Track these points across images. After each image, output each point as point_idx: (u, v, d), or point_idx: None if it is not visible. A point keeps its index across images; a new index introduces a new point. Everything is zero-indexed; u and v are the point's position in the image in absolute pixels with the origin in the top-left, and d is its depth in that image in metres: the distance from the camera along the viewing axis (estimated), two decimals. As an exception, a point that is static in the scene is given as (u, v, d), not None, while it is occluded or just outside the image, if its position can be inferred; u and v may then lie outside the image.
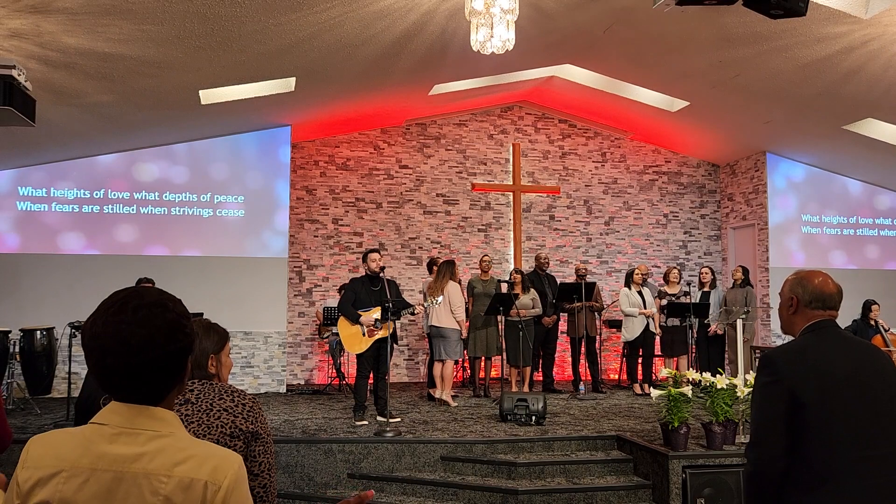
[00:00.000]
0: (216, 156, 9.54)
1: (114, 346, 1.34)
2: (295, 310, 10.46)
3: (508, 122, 11.48)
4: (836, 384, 2.14)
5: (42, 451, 1.36)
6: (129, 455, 1.32)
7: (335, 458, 6.02)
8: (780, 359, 2.22)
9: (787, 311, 2.37)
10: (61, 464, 1.32)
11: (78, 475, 1.31)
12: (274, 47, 6.54)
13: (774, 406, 2.16)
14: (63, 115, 7.32)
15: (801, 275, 2.40)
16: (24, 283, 8.83)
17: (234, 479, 1.34)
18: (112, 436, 1.33)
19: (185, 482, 1.31)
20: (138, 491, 1.30)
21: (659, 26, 7.08)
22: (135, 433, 1.34)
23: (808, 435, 2.11)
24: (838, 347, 2.24)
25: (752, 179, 11.25)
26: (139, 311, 1.36)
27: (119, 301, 1.39)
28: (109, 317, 1.36)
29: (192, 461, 1.33)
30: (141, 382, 1.35)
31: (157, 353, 1.35)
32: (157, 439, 1.34)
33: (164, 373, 1.37)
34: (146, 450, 1.32)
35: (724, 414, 5.61)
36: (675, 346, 9.12)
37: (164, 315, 1.38)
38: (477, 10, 5.20)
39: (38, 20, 5.13)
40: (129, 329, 1.34)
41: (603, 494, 5.66)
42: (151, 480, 1.30)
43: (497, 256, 11.08)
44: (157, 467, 1.31)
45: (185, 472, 1.31)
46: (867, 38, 6.60)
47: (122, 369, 1.34)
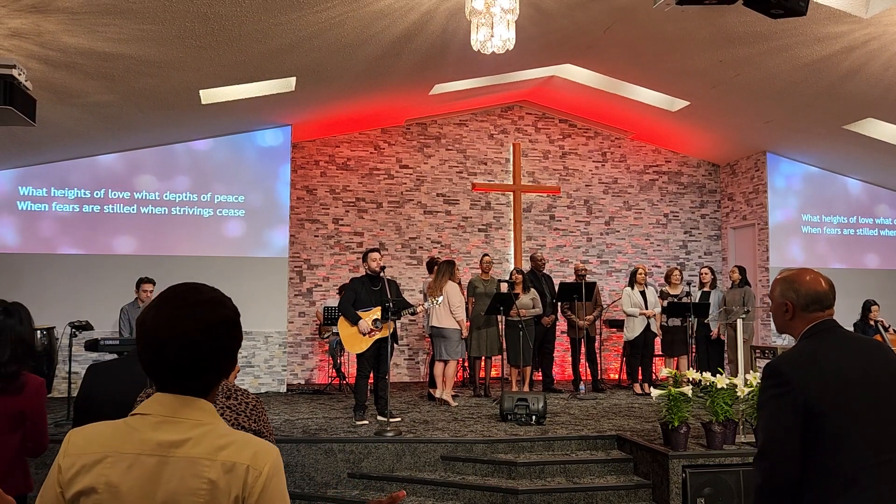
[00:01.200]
0: (216, 155, 9.54)
1: (175, 338, 1.39)
2: (295, 309, 10.46)
3: (509, 122, 11.49)
4: (850, 389, 2.08)
5: (84, 440, 1.39)
6: (173, 441, 1.36)
7: (335, 458, 6.02)
8: (788, 368, 2.12)
9: (784, 316, 2.28)
10: (105, 450, 1.36)
11: (123, 460, 1.35)
12: (274, 47, 6.54)
13: (787, 417, 2.07)
14: (63, 115, 7.33)
15: (790, 276, 2.29)
16: (25, 283, 8.83)
17: (274, 466, 1.40)
18: (156, 424, 1.38)
19: (228, 465, 1.36)
20: (182, 474, 1.34)
21: (659, 26, 7.08)
22: (178, 421, 1.39)
23: (825, 443, 2.04)
24: (845, 349, 2.17)
25: (753, 179, 11.25)
26: (200, 307, 1.42)
27: (180, 296, 1.44)
28: (172, 310, 1.41)
29: (233, 447, 1.38)
30: (193, 375, 1.41)
31: (213, 348, 1.41)
32: (200, 427, 1.39)
33: (216, 367, 1.44)
34: (190, 436, 1.37)
35: (724, 413, 5.61)
36: (674, 345, 9.12)
37: (223, 311, 1.45)
38: (477, 10, 5.21)
39: (38, 20, 5.13)
40: (190, 323, 1.40)
41: (603, 494, 5.66)
42: (196, 464, 1.35)
43: (497, 256, 11.08)
44: (201, 452, 1.36)
45: (228, 456, 1.36)
46: (867, 37, 6.60)
47: (179, 361, 1.39)
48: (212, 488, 1.34)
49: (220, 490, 1.34)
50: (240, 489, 1.35)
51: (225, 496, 1.34)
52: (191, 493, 1.33)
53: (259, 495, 1.36)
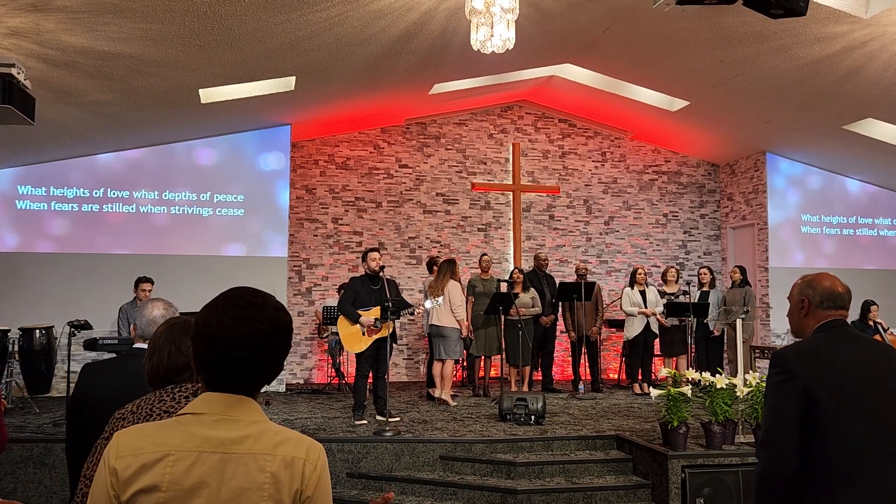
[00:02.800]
0: (216, 155, 9.54)
1: (241, 338, 1.44)
2: (294, 309, 10.45)
3: (508, 122, 11.48)
4: (851, 382, 2.14)
5: (136, 441, 1.41)
6: (234, 438, 1.41)
7: (334, 458, 6.02)
8: (792, 357, 2.21)
9: (799, 313, 2.37)
10: (165, 448, 1.39)
11: (185, 458, 1.38)
12: (274, 46, 6.54)
13: (789, 404, 2.14)
14: (63, 114, 7.32)
15: (810, 277, 2.40)
16: (24, 282, 8.82)
17: (324, 462, 1.50)
18: (213, 422, 1.42)
19: (288, 460, 1.43)
20: (246, 469, 1.40)
21: (659, 26, 7.08)
22: (234, 420, 1.44)
23: (823, 433, 2.10)
24: (851, 346, 2.24)
25: (752, 179, 11.25)
26: (265, 310, 1.48)
27: (245, 298, 1.50)
28: (239, 311, 1.46)
29: (289, 443, 1.46)
30: (250, 376, 1.47)
31: (273, 350, 1.48)
32: (255, 425, 1.45)
33: (271, 369, 1.50)
34: (248, 433, 1.43)
35: (723, 414, 5.61)
36: (674, 345, 9.12)
37: (283, 316, 1.52)
38: (477, 10, 5.20)
39: (37, 18, 5.13)
40: (257, 325, 1.46)
41: (602, 494, 5.66)
42: (258, 460, 1.41)
43: (497, 256, 11.08)
44: (262, 448, 1.42)
45: (287, 451, 1.44)
46: (867, 37, 6.60)
47: (241, 363, 1.44)
48: (274, 482, 1.40)
49: (282, 483, 1.41)
50: (299, 482, 1.43)
51: (287, 489, 1.41)
52: (257, 487, 1.39)
53: (315, 487, 1.45)
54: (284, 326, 1.51)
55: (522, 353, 8.57)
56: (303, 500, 1.43)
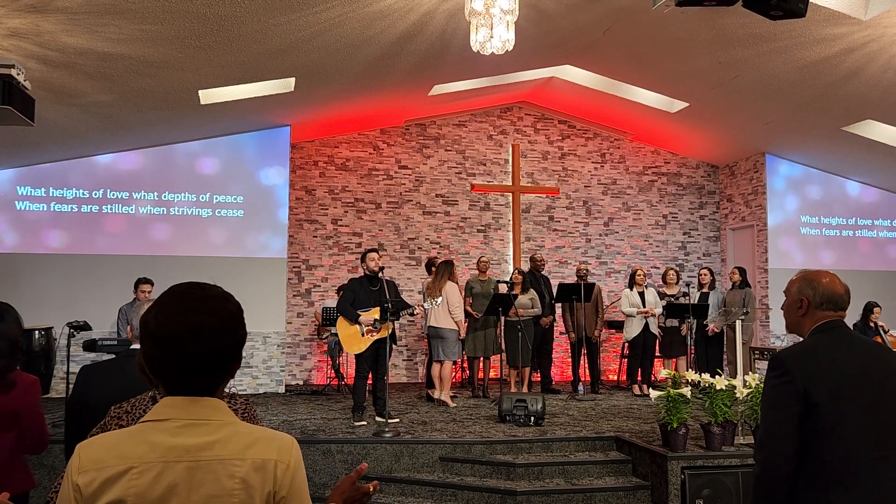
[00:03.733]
0: (215, 156, 9.54)
1: (183, 334, 1.37)
2: (294, 310, 10.45)
3: (508, 123, 11.48)
4: (849, 384, 2.13)
5: (99, 454, 1.34)
6: (200, 444, 1.35)
7: (334, 459, 6.01)
8: (791, 359, 2.19)
9: (797, 312, 2.34)
10: (128, 461, 1.33)
11: (150, 469, 1.32)
12: (273, 47, 6.54)
13: (787, 406, 2.13)
14: (62, 115, 7.32)
15: (809, 275, 2.36)
16: (23, 283, 8.82)
17: (298, 458, 1.44)
18: (177, 429, 1.36)
19: (258, 463, 1.37)
20: (215, 476, 1.34)
21: (659, 27, 7.09)
22: (201, 424, 1.38)
23: (821, 435, 2.09)
24: (849, 348, 2.22)
25: (752, 180, 11.26)
26: (208, 302, 1.42)
27: (185, 292, 1.43)
28: (181, 305, 1.40)
29: (260, 444, 1.40)
30: (204, 372, 1.40)
31: (223, 343, 1.41)
32: (223, 427, 1.39)
33: (226, 363, 1.43)
34: (216, 437, 1.37)
35: (722, 415, 5.61)
36: (673, 346, 9.12)
37: (228, 306, 1.45)
38: (477, 11, 5.20)
39: (37, 19, 5.13)
40: (198, 318, 1.39)
41: (602, 495, 5.66)
42: (227, 465, 1.35)
43: (496, 257, 11.08)
44: (231, 452, 1.36)
45: (257, 453, 1.38)
46: (866, 39, 6.60)
47: (186, 357, 1.38)
48: (245, 487, 1.35)
49: (253, 488, 1.36)
50: (272, 484, 1.38)
51: (259, 493, 1.36)
52: (227, 494, 1.34)
53: (289, 487, 1.40)
54: (231, 316, 1.43)
55: (522, 354, 8.56)
56: (277, 500, 1.39)
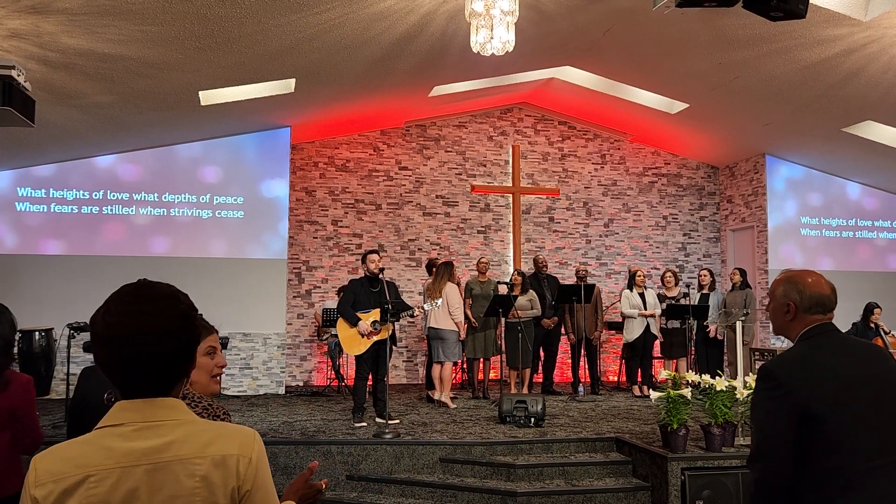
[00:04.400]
0: (216, 157, 9.54)
1: (129, 334, 1.35)
2: (294, 311, 10.45)
3: (508, 124, 11.49)
4: (849, 392, 2.07)
5: (55, 465, 1.32)
6: (157, 446, 1.33)
7: (334, 460, 6.01)
8: (783, 370, 2.11)
9: (784, 317, 2.25)
10: (84, 469, 1.30)
11: (108, 476, 1.30)
12: (274, 48, 6.54)
13: (781, 420, 2.05)
14: (62, 116, 7.32)
15: (794, 277, 2.27)
16: (23, 284, 8.82)
17: (260, 451, 1.42)
18: (132, 433, 1.34)
19: (219, 459, 1.35)
20: (175, 477, 1.32)
21: (659, 28, 7.09)
22: (156, 425, 1.35)
23: (824, 445, 2.02)
24: (842, 352, 2.16)
25: (752, 181, 11.26)
26: (154, 302, 1.39)
27: (132, 291, 1.41)
28: (125, 306, 1.38)
29: (220, 440, 1.38)
30: (154, 373, 1.37)
31: (169, 343, 1.38)
32: (180, 426, 1.37)
33: (175, 363, 1.40)
34: (173, 438, 1.35)
35: (723, 416, 5.61)
36: (674, 348, 9.11)
37: (178, 306, 1.41)
38: (477, 12, 5.21)
39: (37, 20, 5.13)
40: (144, 318, 1.36)
41: (602, 496, 5.66)
42: (186, 465, 1.33)
43: (496, 258, 11.08)
44: (189, 451, 1.34)
45: (217, 450, 1.36)
46: (866, 40, 6.60)
47: (134, 359, 1.35)
48: (206, 485, 1.33)
49: (215, 485, 1.34)
50: (234, 480, 1.36)
51: (221, 490, 1.34)
52: (188, 493, 1.32)
53: (253, 481, 1.38)
54: (181, 316, 1.40)
55: (522, 355, 8.56)
56: (241, 495, 1.37)
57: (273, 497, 1.43)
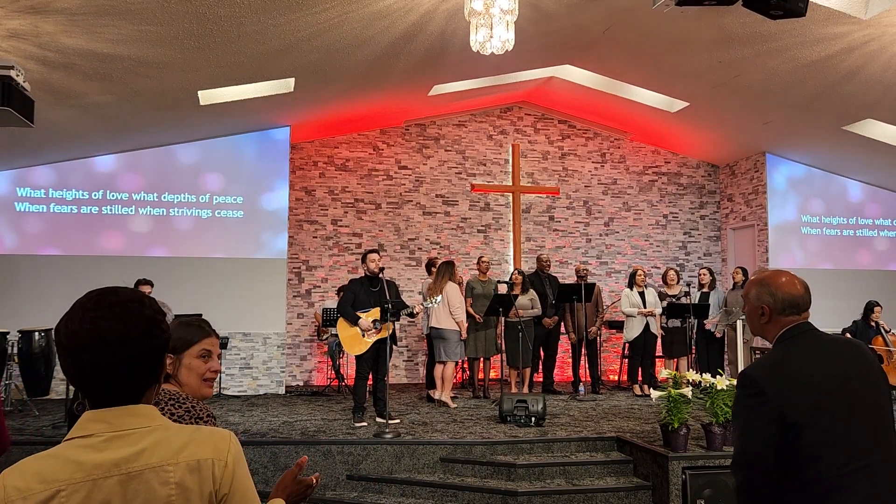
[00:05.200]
0: (215, 157, 9.53)
1: (91, 342, 1.31)
2: (294, 311, 10.44)
3: (508, 123, 11.48)
4: (827, 397, 2.05)
5: (23, 481, 1.28)
6: (127, 456, 1.30)
7: (334, 460, 6.00)
8: (762, 377, 2.08)
9: (759, 320, 2.24)
10: (53, 485, 1.27)
11: (79, 490, 1.27)
12: (273, 48, 6.53)
13: (762, 427, 2.04)
14: (61, 116, 7.31)
15: (765, 279, 2.24)
16: (23, 284, 8.81)
17: (236, 453, 1.39)
18: (102, 443, 1.31)
19: (193, 464, 1.33)
20: (147, 486, 1.29)
21: (658, 27, 7.08)
22: (126, 434, 1.32)
23: (804, 454, 2.01)
24: (821, 355, 2.13)
25: (752, 180, 11.25)
26: (116, 308, 1.34)
27: (95, 298, 1.36)
28: (86, 313, 1.33)
29: (192, 445, 1.35)
30: (118, 381, 1.33)
31: (133, 350, 1.33)
32: (151, 433, 1.33)
33: (141, 370, 1.35)
34: (144, 446, 1.31)
35: (724, 415, 5.60)
36: (674, 347, 9.11)
37: (141, 311, 1.37)
38: (476, 11, 5.20)
39: (36, 20, 5.12)
40: (106, 324, 1.32)
41: (603, 496, 5.65)
42: (158, 472, 1.30)
43: (496, 257, 11.07)
44: (161, 458, 1.31)
45: (190, 455, 1.33)
46: (867, 38, 6.59)
47: (98, 367, 1.31)
48: (182, 491, 1.31)
49: (191, 491, 1.31)
50: (211, 484, 1.33)
51: (197, 495, 1.32)
52: (163, 501, 1.30)
53: (231, 484, 1.36)
54: (145, 320, 1.35)
55: (522, 354, 8.55)
56: (220, 499, 1.34)
57: (253, 497, 1.40)
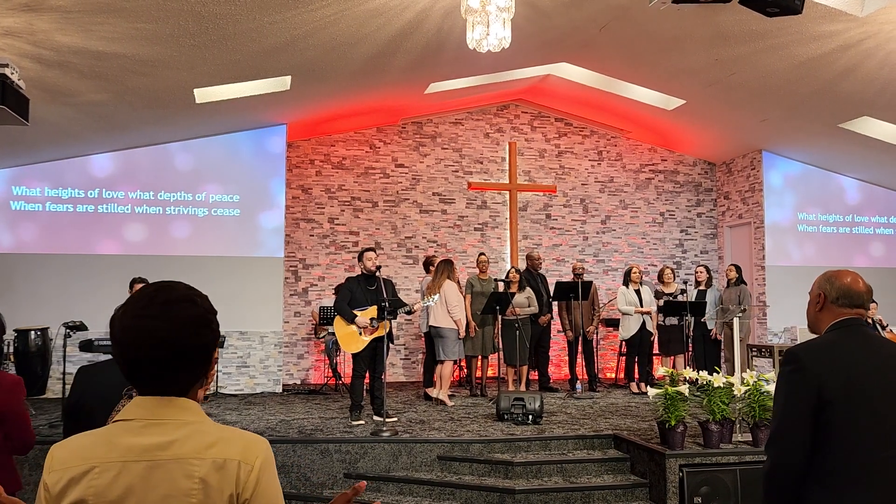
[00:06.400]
0: (211, 155, 9.51)
1: (140, 338, 1.38)
2: (291, 309, 10.43)
3: (504, 121, 11.47)
4: (862, 382, 2.11)
5: (67, 454, 1.37)
6: (159, 443, 1.35)
7: (331, 458, 6.00)
8: (805, 354, 2.17)
9: (815, 308, 2.34)
10: (90, 461, 1.34)
11: (109, 469, 1.33)
12: (269, 45, 6.51)
13: (800, 401, 2.11)
14: (57, 115, 7.29)
15: (831, 273, 2.37)
16: (19, 284, 8.79)
17: (265, 460, 1.39)
18: (139, 428, 1.37)
19: (219, 462, 1.35)
20: (172, 476, 1.33)
21: (655, 24, 7.07)
22: (162, 423, 1.37)
23: (833, 432, 2.08)
24: (864, 345, 2.20)
25: (749, 178, 11.26)
26: (168, 306, 1.40)
27: (149, 295, 1.42)
28: (139, 310, 1.40)
29: (222, 443, 1.37)
30: (166, 375, 1.39)
31: (182, 347, 1.39)
32: (185, 426, 1.38)
33: (189, 366, 1.42)
34: (176, 437, 1.36)
35: (720, 412, 5.61)
36: (671, 344, 9.12)
37: (192, 310, 1.42)
38: (473, 8, 5.19)
39: (31, 18, 5.10)
40: (156, 323, 1.38)
41: (600, 493, 5.65)
42: (184, 465, 1.34)
43: (493, 255, 11.06)
44: (189, 451, 1.35)
45: (217, 453, 1.35)
46: (863, 36, 6.60)
47: (148, 362, 1.38)
48: (204, 487, 1.33)
49: (212, 488, 1.33)
50: (233, 486, 1.34)
51: (218, 494, 1.33)
52: (183, 494, 1.32)
53: (253, 490, 1.36)
54: (193, 320, 1.41)
55: (520, 352, 8.56)
56: (241, 503, 1.35)
57: None
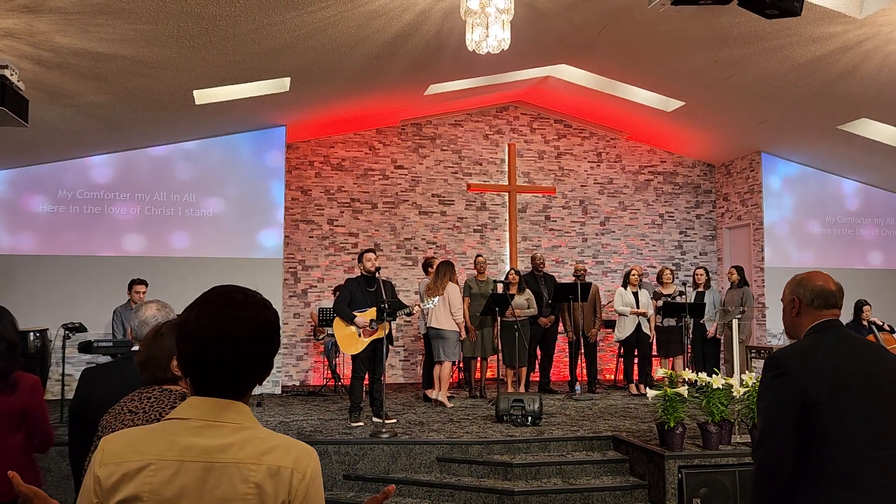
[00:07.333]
0: (211, 156, 9.51)
1: (219, 336, 1.39)
2: (290, 311, 10.43)
3: (504, 123, 11.48)
4: (848, 383, 2.13)
5: (121, 448, 1.37)
6: (217, 446, 1.36)
7: (331, 460, 6.00)
8: (788, 358, 2.19)
9: (791, 313, 2.35)
10: (146, 457, 1.35)
11: (167, 467, 1.34)
12: (268, 47, 6.52)
13: (785, 406, 2.12)
14: (57, 116, 7.29)
15: (801, 277, 2.38)
16: (18, 285, 8.78)
17: (315, 469, 1.42)
18: (197, 429, 1.38)
19: (274, 469, 1.37)
20: (229, 479, 1.34)
21: (654, 26, 7.08)
22: (219, 425, 1.38)
23: (821, 434, 2.09)
24: (846, 346, 2.22)
25: (748, 179, 11.27)
26: (246, 308, 1.43)
27: (225, 295, 1.45)
28: (217, 308, 1.42)
29: (277, 450, 1.39)
30: (232, 376, 1.41)
31: (255, 349, 1.42)
32: (242, 431, 1.39)
33: (255, 369, 1.45)
34: (233, 440, 1.37)
35: (719, 414, 5.61)
36: (670, 346, 9.12)
37: (266, 314, 1.46)
38: (472, 10, 5.19)
39: (30, 20, 5.10)
40: (235, 323, 1.40)
41: (599, 495, 5.66)
42: (241, 469, 1.35)
43: (493, 257, 11.06)
44: (246, 456, 1.36)
45: (273, 460, 1.37)
46: (862, 38, 6.61)
47: (217, 360, 1.39)
48: (259, 492, 1.35)
49: (266, 494, 1.35)
50: (286, 493, 1.37)
51: (272, 500, 1.35)
52: (239, 498, 1.34)
53: (303, 498, 1.38)
54: (268, 324, 1.45)
55: (519, 354, 8.56)
56: None
57: None
